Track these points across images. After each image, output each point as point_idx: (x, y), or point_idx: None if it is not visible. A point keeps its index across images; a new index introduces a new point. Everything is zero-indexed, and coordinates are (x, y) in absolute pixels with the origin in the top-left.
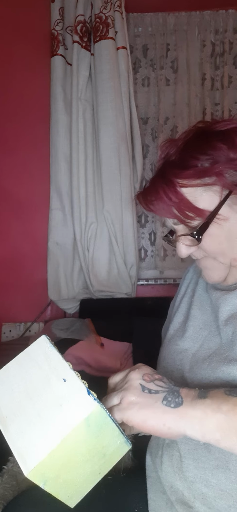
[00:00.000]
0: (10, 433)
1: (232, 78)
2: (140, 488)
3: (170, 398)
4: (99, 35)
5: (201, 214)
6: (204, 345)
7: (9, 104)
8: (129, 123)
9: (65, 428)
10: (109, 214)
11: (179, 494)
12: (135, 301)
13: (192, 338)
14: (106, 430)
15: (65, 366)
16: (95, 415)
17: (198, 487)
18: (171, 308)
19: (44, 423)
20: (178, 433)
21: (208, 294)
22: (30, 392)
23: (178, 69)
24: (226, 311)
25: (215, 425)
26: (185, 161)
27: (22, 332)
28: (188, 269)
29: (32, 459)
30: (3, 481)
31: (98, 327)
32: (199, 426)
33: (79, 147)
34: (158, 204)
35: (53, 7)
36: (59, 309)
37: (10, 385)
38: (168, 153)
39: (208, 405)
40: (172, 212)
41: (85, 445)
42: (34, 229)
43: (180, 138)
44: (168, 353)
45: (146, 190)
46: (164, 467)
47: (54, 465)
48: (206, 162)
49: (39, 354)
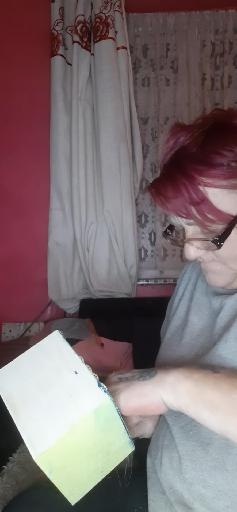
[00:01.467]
0: (21, 419)
1: (232, 78)
2: (140, 488)
3: (145, 374)
4: (99, 35)
5: (222, 218)
6: (199, 353)
7: (9, 104)
8: (129, 123)
9: (75, 417)
10: (109, 214)
11: (178, 495)
12: (135, 301)
13: (188, 345)
14: (113, 426)
15: (77, 359)
16: (105, 407)
17: (197, 488)
18: (169, 308)
19: (55, 411)
20: (157, 399)
21: (207, 298)
22: (42, 382)
23: (178, 69)
24: (226, 316)
25: (185, 389)
26: (209, 157)
27: (22, 332)
28: (185, 269)
29: (42, 444)
30: (3, 481)
31: (98, 327)
32: (171, 390)
33: (79, 147)
34: (176, 201)
35: (53, 7)
36: (59, 309)
37: (22, 374)
38: (178, 141)
39: (181, 372)
40: (190, 212)
41: (92, 438)
42: (34, 229)
43: (195, 125)
44: (163, 359)
45: (159, 185)
46: (164, 469)
47: (61, 454)
48: (233, 162)
49: (52, 348)
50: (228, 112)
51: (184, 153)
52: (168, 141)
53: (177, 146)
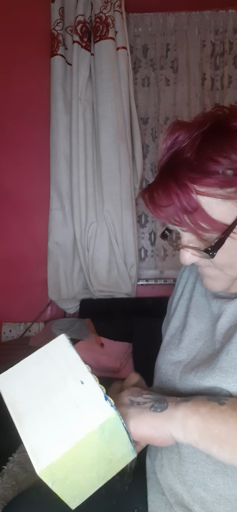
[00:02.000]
0: (24, 429)
1: (232, 78)
2: (140, 489)
3: (156, 405)
4: (99, 35)
5: (216, 227)
6: (197, 357)
7: (9, 104)
8: (129, 123)
9: (80, 432)
10: (109, 214)
11: (178, 497)
12: (135, 301)
13: (186, 349)
14: (118, 437)
15: (83, 368)
16: (111, 421)
17: (197, 491)
18: (169, 306)
19: (59, 423)
20: (166, 435)
21: (207, 300)
22: (46, 390)
23: (178, 69)
24: (227, 322)
25: (194, 425)
26: (204, 164)
27: (22, 332)
28: (184, 267)
29: (45, 458)
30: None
31: (98, 327)
32: (180, 427)
33: (79, 147)
34: (169, 210)
35: (53, 7)
36: (59, 309)
37: (27, 380)
38: (176, 141)
39: (189, 407)
40: (183, 220)
41: (97, 450)
42: (34, 229)
43: (194, 125)
44: (162, 362)
45: (152, 191)
46: (164, 470)
47: (64, 466)
48: (229, 169)
49: (57, 353)
50: (230, 110)
51: (179, 157)
52: (166, 140)
53: (175, 147)
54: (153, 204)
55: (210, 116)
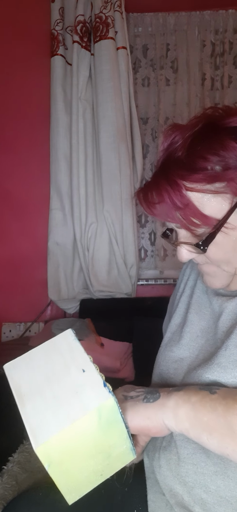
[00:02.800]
0: (26, 410)
1: (232, 78)
2: (139, 489)
3: (149, 396)
4: (99, 35)
5: (207, 222)
6: (200, 356)
7: (9, 104)
8: (129, 123)
9: (78, 413)
10: (109, 214)
11: (178, 498)
12: (135, 301)
13: (188, 346)
14: (116, 429)
15: (86, 358)
16: (108, 408)
17: (198, 493)
18: (171, 304)
19: (59, 406)
20: (160, 424)
21: (208, 297)
22: (50, 377)
23: (178, 69)
24: (228, 320)
25: (184, 414)
26: (194, 161)
27: (22, 332)
28: (186, 264)
29: (43, 435)
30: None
31: (98, 327)
32: (172, 415)
33: (79, 147)
34: (161, 207)
35: (53, 7)
36: (59, 309)
37: (33, 367)
38: (172, 142)
39: (180, 396)
40: (175, 217)
41: (93, 438)
42: (34, 229)
43: (187, 126)
44: (163, 359)
45: (147, 190)
46: (162, 471)
47: (61, 448)
48: (217, 165)
49: (63, 345)
50: (223, 110)
51: (171, 157)
52: (162, 143)
53: (170, 148)
54: (146, 202)
55: (202, 117)
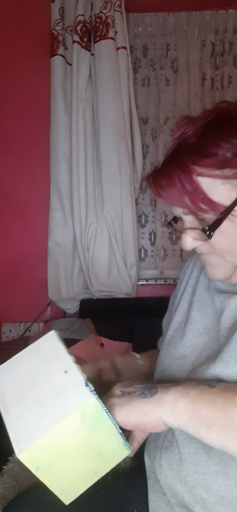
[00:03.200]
0: (9, 417)
1: (232, 78)
2: (140, 488)
3: (146, 392)
4: (99, 35)
5: (215, 208)
6: (203, 353)
7: (9, 104)
8: (129, 123)
9: (60, 415)
10: (109, 214)
11: (179, 497)
12: (135, 301)
13: (191, 343)
14: (103, 427)
15: (68, 359)
16: (91, 407)
17: (198, 492)
18: (171, 303)
19: (41, 410)
20: (156, 419)
21: (210, 295)
22: (33, 381)
23: (178, 69)
24: (230, 317)
25: (183, 408)
26: (205, 147)
27: (22, 332)
28: (188, 263)
29: (25, 442)
30: (3, 481)
31: (98, 327)
32: (169, 410)
33: (79, 147)
34: (170, 190)
35: (53, 7)
36: (59, 309)
37: (17, 373)
38: (184, 132)
39: (178, 390)
40: (183, 201)
41: (80, 438)
42: (34, 229)
43: (199, 118)
44: (166, 356)
45: (157, 173)
46: (163, 470)
47: (47, 451)
48: (228, 152)
49: (46, 347)
50: (235, 104)
51: (183, 144)
52: (174, 133)
53: (182, 137)
54: (156, 185)
55: (215, 109)
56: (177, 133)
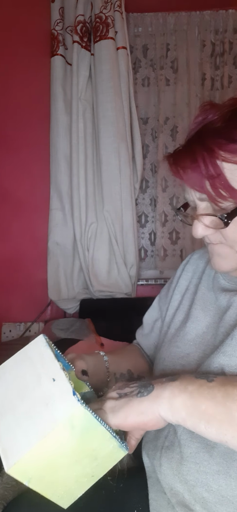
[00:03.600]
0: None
1: (232, 78)
2: (140, 488)
3: (143, 390)
4: (99, 35)
5: (235, 196)
6: (207, 351)
7: (9, 104)
8: (129, 123)
9: (48, 427)
10: (109, 214)
11: (179, 497)
12: (135, 301)
13: (194, 342)
14: (95, 433)
15: (56, 366)
16: (79, 416)
17: (199, 491)
18: (164, 297)
19: (30, 422)
20: (155, 416)
21: (214, 294)
22: (21, 391)
23: (178, 69)
24: (235, 314)
25: (181, 403)
26: (232, 132)
27: (22, 332)
28: (187, 260)
29: (14, 456)
30: (3, 481)
31: (98, 327)
32: (167, 406)
33: (79, 147)
34: (192, 172)
35: (53, 7)
36: (59, 309)
37: (5, 382)
38: (207, 117)
39: (176, 386)
40: (204, 185)
41: (71, 447)
42: (34, 229)
43: (225, 104)
44: (168, 355)
45: (179, 154)
46: (163, 470)
47: (37, 463)
48: None
49: (35, 353)
50: None
51: (208, 128)
52: (197, 117)
53: (207, 120)
54: (176, 165)
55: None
56: (200, 117)
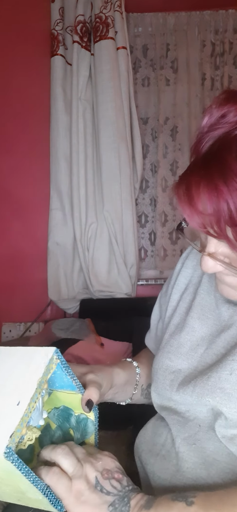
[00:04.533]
0: None
1: (232, 78)
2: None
3: (117, 505)
4: (99, 35)
5: None
6: (199, 367)
7: (9, 104)
8: (129, 123)
9: None
10: (109, 214)
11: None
12: (135, 301)
13: (187, 356)
14: (22, 480)
15: (34, 389)
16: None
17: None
18: (164, 295)
19: None
20: None
21: (215, 300)
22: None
23: (178, 69)
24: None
25: None
26: None
27: (22, 332)
28: (187, 253)
29: None
30: None
31: (98, 327)
32: None
33: (79, 147)
34: (210, 217)
35: (53, 7)
36: (59, 309)
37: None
38: (225, 116)
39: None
40: (224, 233)
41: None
42: (34, 229)
43: None
44: (160, 367)
45: (194, 188)
46: (156, 478)
47: None
48: None
49: (36, 360)
50: None
51: (232, 147)
52: (211, 114)
53: (221, 127)
54: (191, 207)
55: None
56: (216, 114)
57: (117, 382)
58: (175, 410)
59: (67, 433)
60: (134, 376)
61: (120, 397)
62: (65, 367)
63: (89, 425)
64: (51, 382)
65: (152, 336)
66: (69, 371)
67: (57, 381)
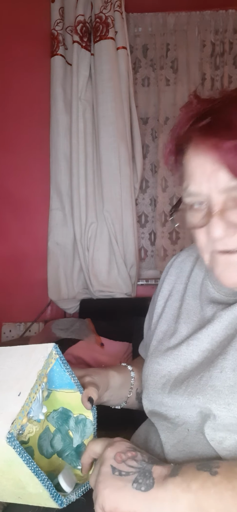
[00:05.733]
0: None
1: (232, 78)
2: None
3: (140, 480)
4: (99, 35)
5: None
6: (187, 366)
7: (9, 104)
8: (129, 123)
9: None
10: (109, 214)
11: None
12: (135, 301)
13: (172, 357)
14: (23, 470)
15: (33, 381)
16: (3, 447)
17: None
18: (153, 303)
19: None
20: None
21: (200, 303)
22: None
23: (178, 69)
24: (221, 330)
25: (186, 506)
26: None
27: (22, 332)
28: (171, 262)
29: None
30: None
31: (98, 327)
32: (170, 509)
33: (79, 147)
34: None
35: (53, 7)
36: (59, 309)
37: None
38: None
39: (178, 484)
40: None
41: None
42: (34, 229)
43: None
44: (150, 373)
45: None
46: None
47: None
48: None
49: (35, 356)
50: None
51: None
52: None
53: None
54: (216, 138)
55: None
56: None
57: (113, 384)
58: (165, 416)
59: (66, 436)
60: (128, 379)
61: (115, 400)
62: (64, 363)
63: (88, 426)
64: (51, 381)
65: (144, 345)
66: (68, 367)
67: (56, 379)
